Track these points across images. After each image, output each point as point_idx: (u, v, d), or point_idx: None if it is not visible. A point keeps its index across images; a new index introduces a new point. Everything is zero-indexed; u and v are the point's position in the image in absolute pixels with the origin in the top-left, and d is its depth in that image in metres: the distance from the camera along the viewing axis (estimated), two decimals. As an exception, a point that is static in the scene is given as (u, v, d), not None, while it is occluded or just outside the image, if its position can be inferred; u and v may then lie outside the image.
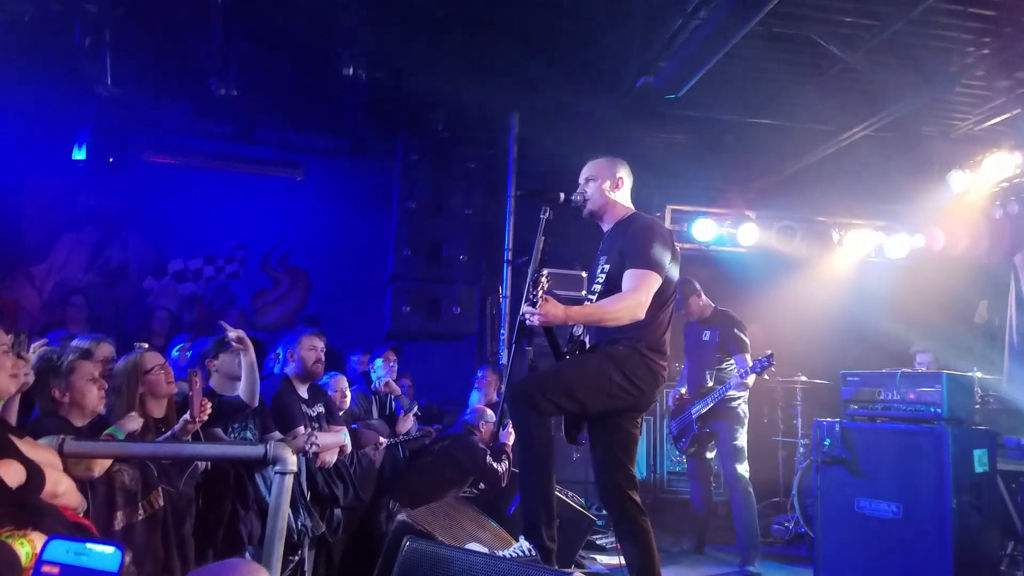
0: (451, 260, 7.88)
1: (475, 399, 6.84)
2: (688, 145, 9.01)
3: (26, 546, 2.46)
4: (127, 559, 1.42)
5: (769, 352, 6.19)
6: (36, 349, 4.09)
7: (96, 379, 3.76)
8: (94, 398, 3.72)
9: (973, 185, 7.92)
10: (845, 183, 9.08)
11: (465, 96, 7.59)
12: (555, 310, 3.64)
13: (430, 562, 3.18)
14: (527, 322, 3.70)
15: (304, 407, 5.21)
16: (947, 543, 5.04)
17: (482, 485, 6.08)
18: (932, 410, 5.39)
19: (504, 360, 7.56)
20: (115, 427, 3.59)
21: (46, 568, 1.42)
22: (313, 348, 5.32)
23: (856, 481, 5.65)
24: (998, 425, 6.07)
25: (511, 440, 5.98)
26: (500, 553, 3.56)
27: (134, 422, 3.73)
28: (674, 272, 3.95)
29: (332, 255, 9.54)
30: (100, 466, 3.37)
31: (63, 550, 1.43)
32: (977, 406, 5.99)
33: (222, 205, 9.33)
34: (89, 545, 1.44)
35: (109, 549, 1.43)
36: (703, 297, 6.78)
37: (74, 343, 4.46)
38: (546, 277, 3.67)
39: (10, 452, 2.71)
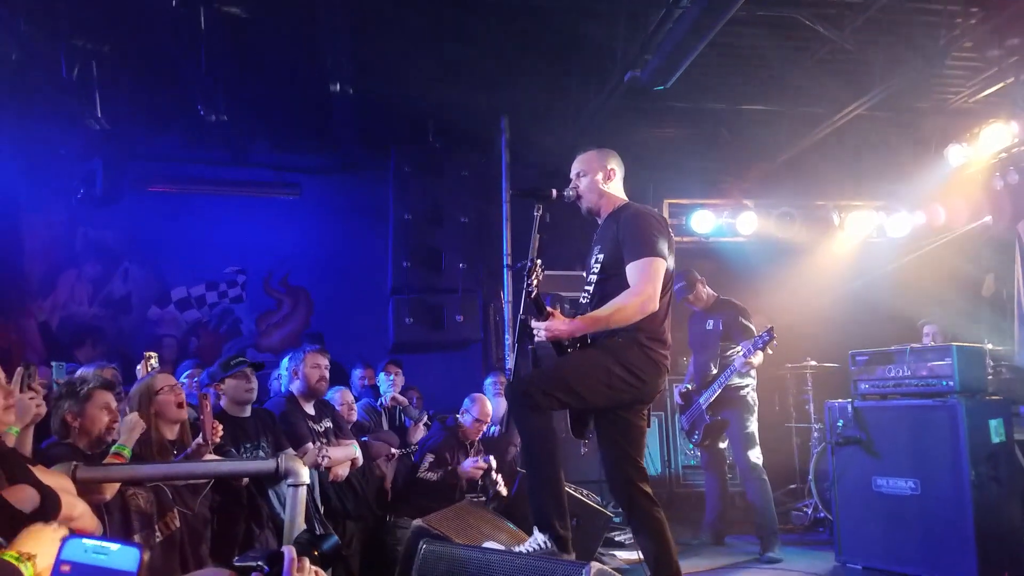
0: (450, 269, 7.86)
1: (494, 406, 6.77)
2: (681, 138, 8.99)
3: (29, 569, 2.46)
4: (146, 557, 1.41)
5: (769, 327, 6.15)
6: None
7: (111, 410, 3.80)
8: (102, 426, 3.76)
9: (971, 158, 7.87)
10: (842, 165, 9.04)
11: (454, 104, 7.61)
12: (560, 326, 3.65)
13: (447, 563, 3.16)
14: (535, 338, 3.70)
15: (311, 423, 5.21)
16: (968, 516, 5.02)
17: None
18: (944, 383, 5.36)
19: (509, 364, 7.53)
20: (119, 443, 3.60)
21: (63, 568, 1.41)
22: (317, 366, 5.33)
23: (871, 460, 5.63)
24: (1013, 394, 6.02)
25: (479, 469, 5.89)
26: (516, 548, 3.53)
27: (136, 430, 3.73)
28: (671, 259, 3.91)
29: (332, 272, 9.58)
30: (111, 489, 3.37)
31: (81, 549, 1.42)
32: (990, 376, 5.94)
33: (221, 230, 9.38)
34: (107, 544, 1.42)
35: (129, 548, 1.42)
36: (707, 286, 6.77)
37: (80, 371, 4.47)
38: (539, 265, 3.68)
39: (26, 478, 2.74)
